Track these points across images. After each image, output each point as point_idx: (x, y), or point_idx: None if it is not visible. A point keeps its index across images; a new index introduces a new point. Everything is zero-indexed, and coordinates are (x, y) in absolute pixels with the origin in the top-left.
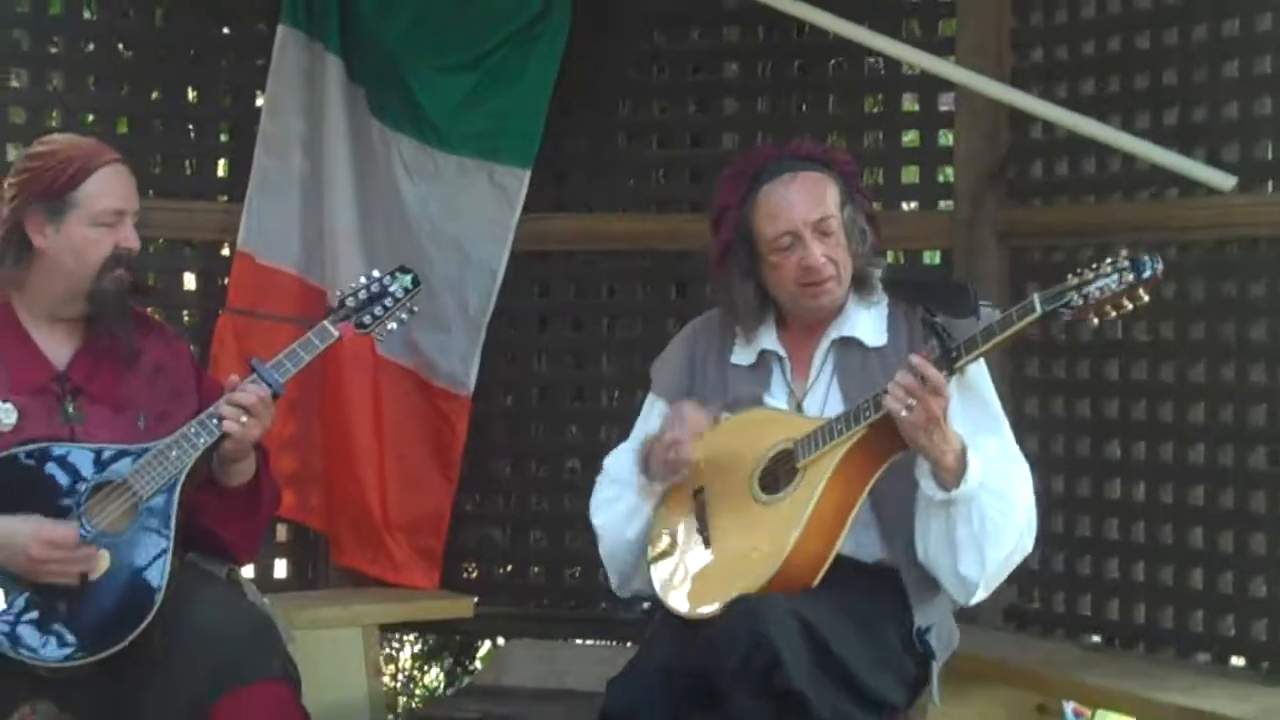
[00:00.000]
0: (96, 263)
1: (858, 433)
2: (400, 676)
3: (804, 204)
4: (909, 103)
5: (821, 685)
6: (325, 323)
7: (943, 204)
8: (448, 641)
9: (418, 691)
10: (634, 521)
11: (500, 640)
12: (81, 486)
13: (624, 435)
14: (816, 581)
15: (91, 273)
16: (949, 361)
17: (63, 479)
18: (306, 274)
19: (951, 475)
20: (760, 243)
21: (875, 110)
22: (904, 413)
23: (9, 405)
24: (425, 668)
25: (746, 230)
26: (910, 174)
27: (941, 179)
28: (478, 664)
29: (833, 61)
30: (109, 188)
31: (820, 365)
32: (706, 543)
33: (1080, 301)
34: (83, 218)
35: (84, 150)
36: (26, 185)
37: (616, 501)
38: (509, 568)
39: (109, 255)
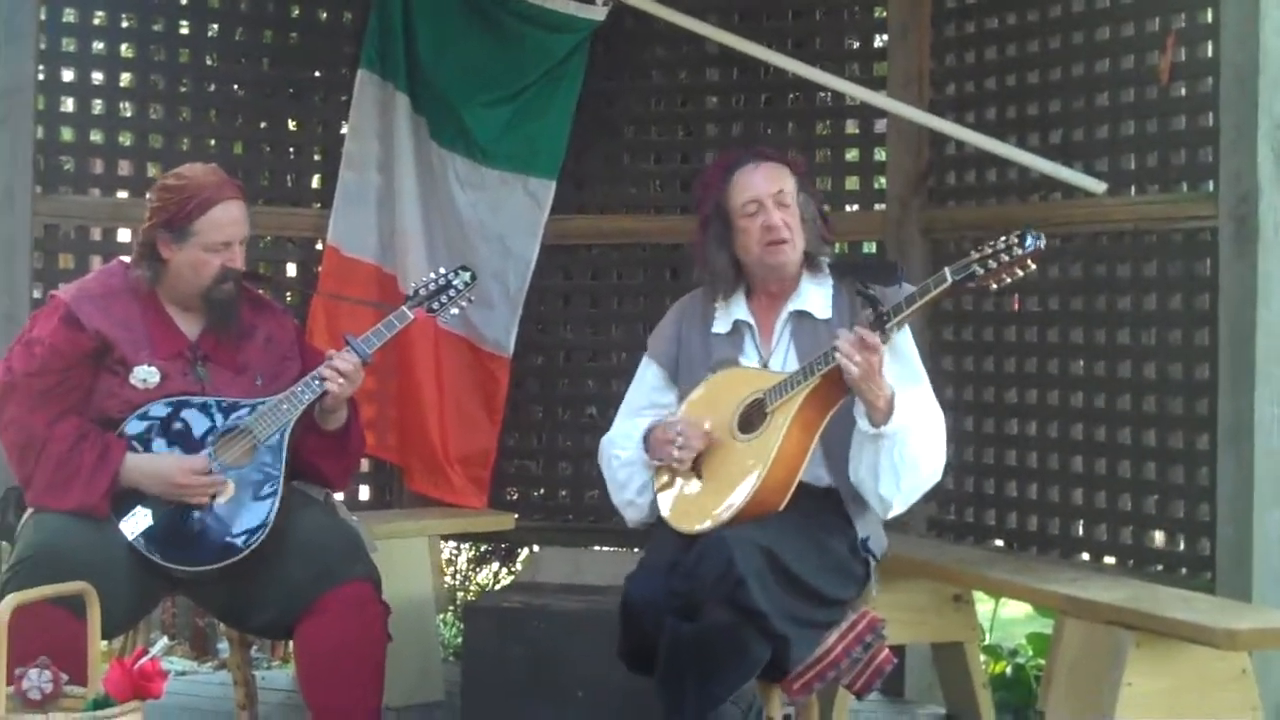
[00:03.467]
0: (208, 278)
1: (812, 383)
2: (458, 576)
3: (766, 181)
4: (851, 127)
5: (778, 599)
6: (403, 308)
7: (877, 206)
8: (495, 549)
9: (472, 587)
10: (645, 493)
11: (535, 547)
12: (212, 429)
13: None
14: (784, 502)
15: (205, 284)
16: (881, 323)
17: (199, 423)
18: (382, 263)
19: (881, 416)
20: (732, 213)
21: (824, 133)
22: (853, 368)
23: (154, 368)
24: (477, 569)
25: (722, 206)
26: (852, 182)
27: (876, 186)
28: (518, 566)
29: (791, 95)
30: (221, 222)
31: (780, 332)
32: (699, 474)
33: (982, 271)
34: (198, 244)
35: (207, 187)
36: (158, 213)
37: (628, 484)
38: (542, 491)
39: (218, 273)
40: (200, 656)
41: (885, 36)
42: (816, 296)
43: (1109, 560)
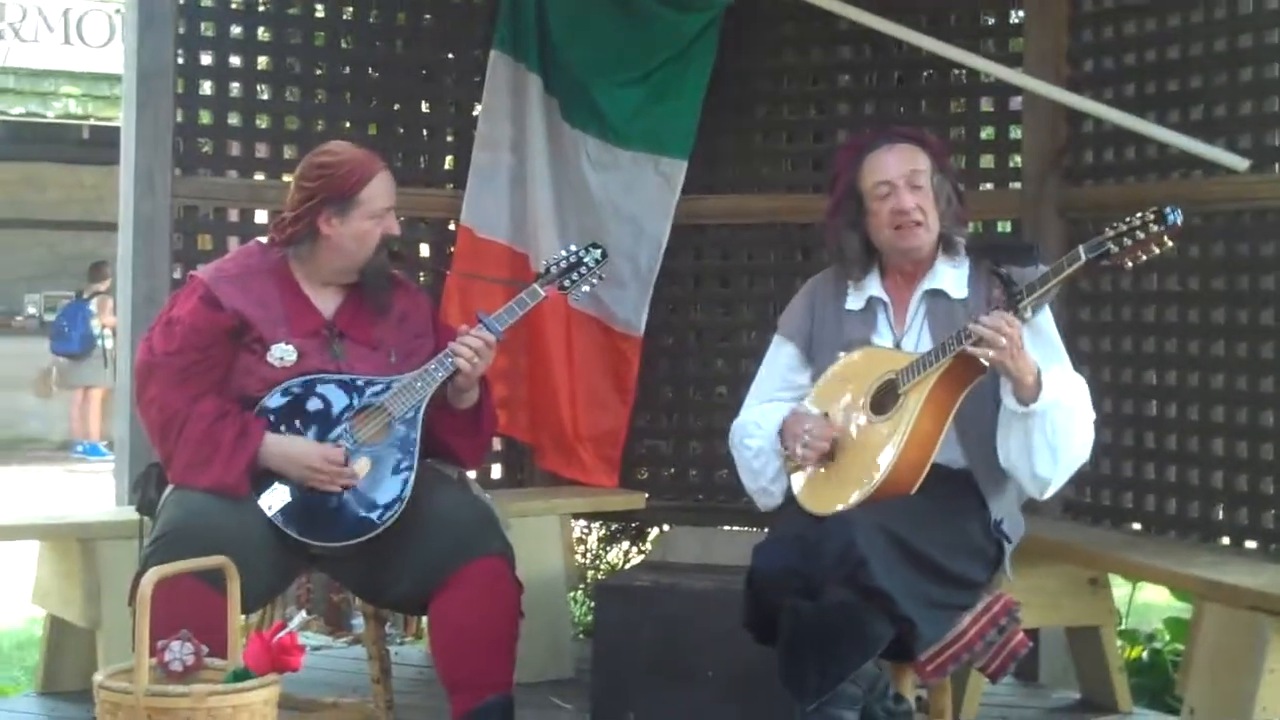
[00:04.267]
0: (371, 246)
1: (945, 363)
2: (589, 555)
3: (898, 162)
4: (986, 104)
5: (904, 580)
6: (535, 285)
7: (1013, 184)
8: (625, 528)
9: (602, 566)
10: (778, 480)
11: (666, 526)
12: (349, 406)
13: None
14: (918, 485)
15: (367, 253)
16: (1014, 302)
17: (336, 400)
18: (514, 243)
19: (1029, 393)
20: (864, 195)
21: (959, 110)
22: (989, 350)
23: (291, 346)
24: (608, 548)
25: (854, 188)
26: (987, 160)
27: (1012, 165)
28: (649, 545)
29: (925, 73)
30: (382, 189)
31: (915, 311)
32: (831, 455)
33: (1116, 249)
34: (364, 213)
35: (362, 159)
36: (320, 190)
37: (761, 473)
38: (672, 470)
39: (381, 241)
40: (335, 631)
41: (1021, 12)
42: (951, 276)
43: (1250, 544)
